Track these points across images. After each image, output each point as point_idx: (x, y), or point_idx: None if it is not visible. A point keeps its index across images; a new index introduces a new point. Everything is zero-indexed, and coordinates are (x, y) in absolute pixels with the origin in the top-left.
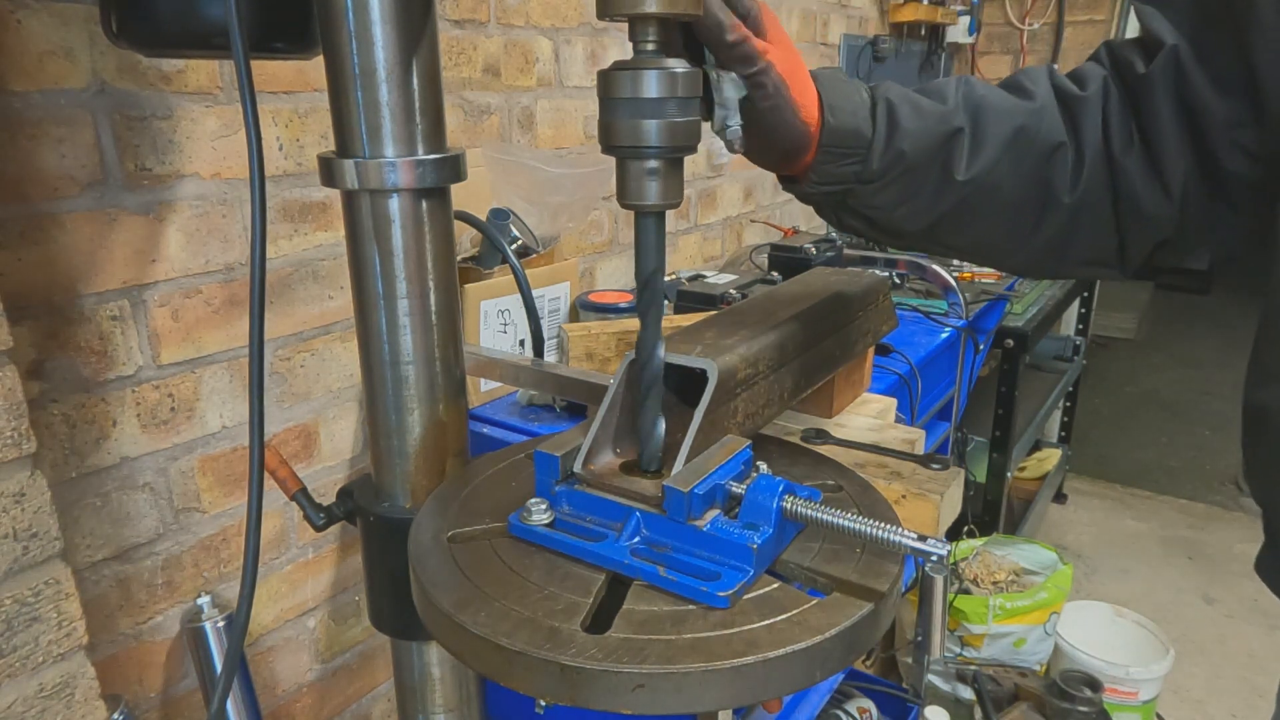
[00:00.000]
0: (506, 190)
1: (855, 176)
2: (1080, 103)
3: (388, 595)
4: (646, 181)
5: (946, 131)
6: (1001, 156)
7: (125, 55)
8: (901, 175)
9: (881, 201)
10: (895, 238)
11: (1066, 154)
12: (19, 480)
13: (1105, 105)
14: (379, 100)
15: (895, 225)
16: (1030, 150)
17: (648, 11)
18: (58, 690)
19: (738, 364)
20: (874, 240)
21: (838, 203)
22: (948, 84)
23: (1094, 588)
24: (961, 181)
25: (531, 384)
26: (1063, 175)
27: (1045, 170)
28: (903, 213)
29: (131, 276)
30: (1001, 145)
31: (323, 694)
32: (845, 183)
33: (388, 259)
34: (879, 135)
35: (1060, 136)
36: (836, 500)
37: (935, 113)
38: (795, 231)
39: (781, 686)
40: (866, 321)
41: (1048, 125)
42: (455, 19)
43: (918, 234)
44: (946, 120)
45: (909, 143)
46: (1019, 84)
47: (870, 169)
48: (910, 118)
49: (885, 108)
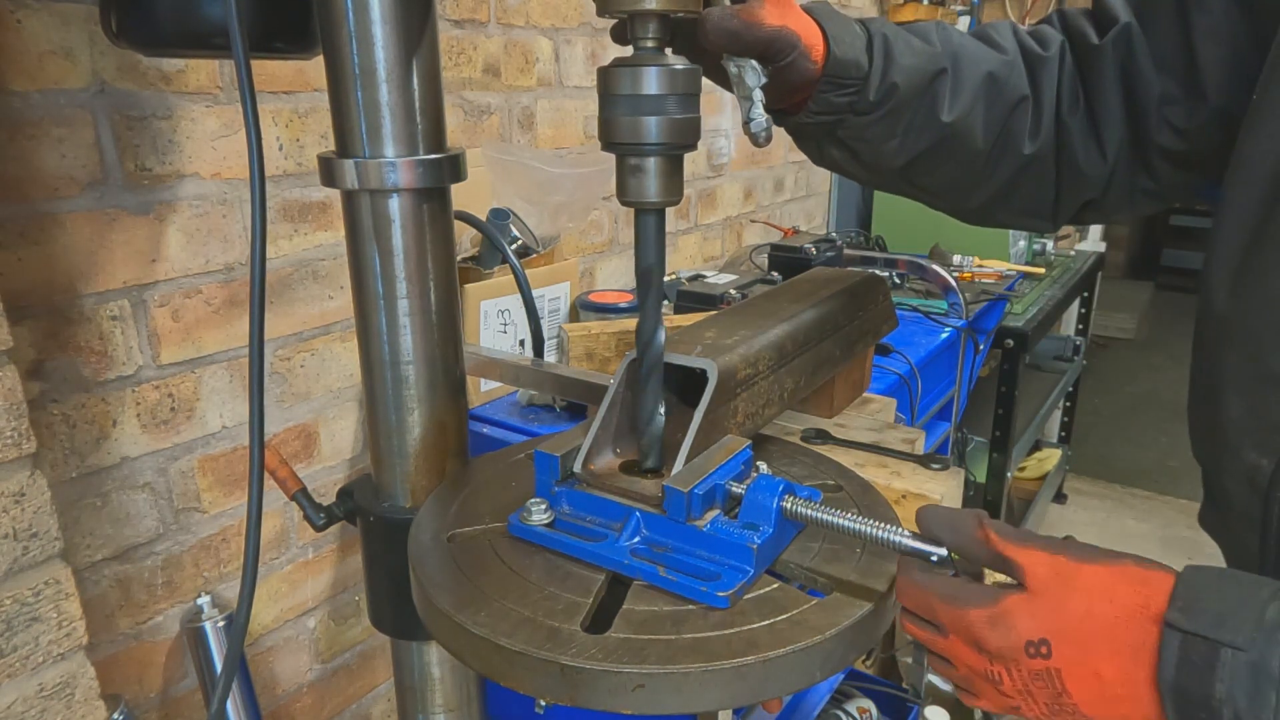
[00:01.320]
0: (506, 190)
1: (850, 106)
2: (1042, 62)
3: (388, 595)
4: (646, 179)
5: (933, 71)
6: (976, 102)
7: (125, 55)
8: (893, 108)
9: (871, 134)
10: (872, 174)
11: (1028, 107)
12: (19, 480)
13: (1061, 67)
14: (379, 100)
15: (877, 160)
16: (1000, 99)
17: (648, 8)
18: (58, 690)
19: (738, 364)
20: (849, 175)
21: (827, 133)
22: (928, 27)
23: None
24: (944, 122)
25: (531, 384)
26: (1023, 127)
27: (1010, 120)
28: (887, 147)
29: (131, 276)
30: (976, 90)
31: (323, 694)
32: (840, 113)
33: (388, 259)
34: (875, 68)
35: (1025, 90)
36: (836, 500)
37: (924, 51)
38: (795, 231)
39: (781, 686)
40: (866, 321)
41: (1015, 78)
42: (455, 19)
43: (895, 171)
44: (934, 60)
45: (902, 77)
46: (989, 36)
47: (866, 100)
48: (904, 54)
49: (881, 41)
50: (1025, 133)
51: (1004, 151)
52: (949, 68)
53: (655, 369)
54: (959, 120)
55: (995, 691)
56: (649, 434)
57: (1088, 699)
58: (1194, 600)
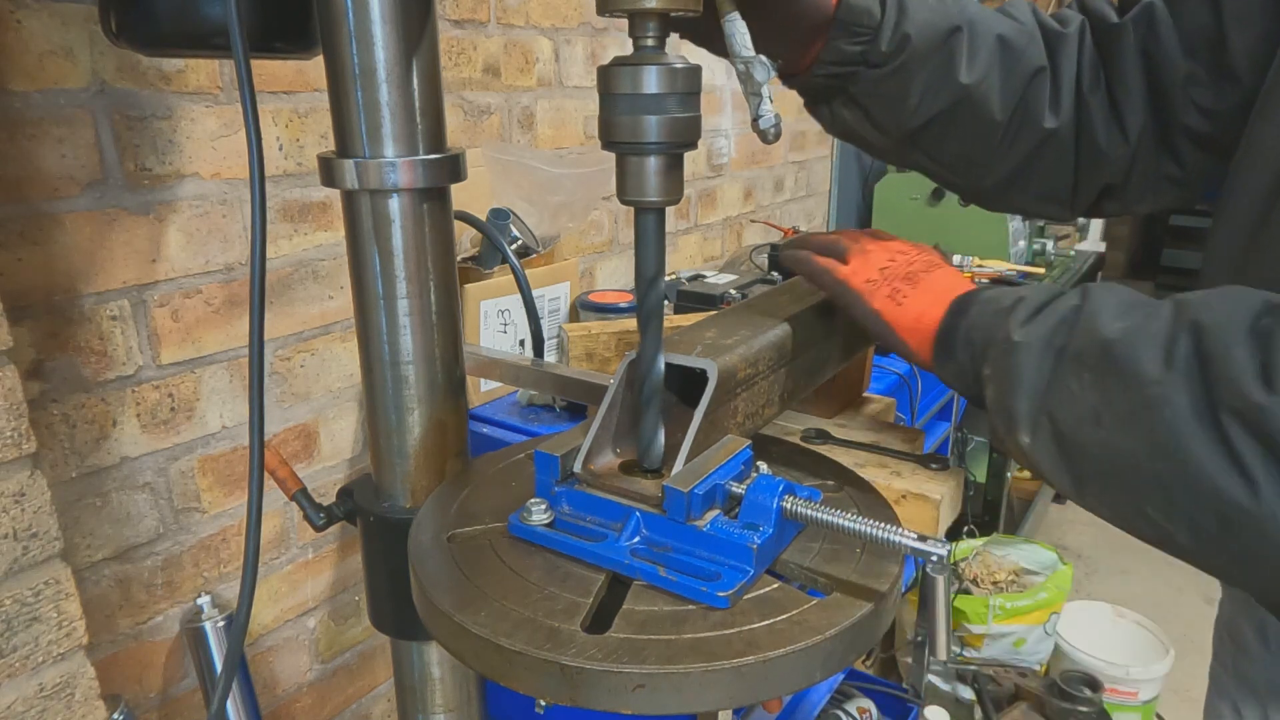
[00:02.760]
0: (506, 190)
1: (862, 57)
2: (1061, 38)
3: (388, 595)
4: (646, 178)
5: (948, 27)
6: (993, 67)
7: (125, 55)
8: (906, 62)
9: (885, 90)
10: (885, 136)
11: (1046, 79)
12: (19, 480)
13: (1080, 44)
14: (379, 100)
15: (891, 120)
16: (1016, 67)
17: (648, 7)
18: (58, 690)
19: (738, 364)
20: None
21: (839, 89)
22: None
23: (1094, 588)
24: (962, 84)
25: (531, 384)
26: (1041, 99)
27: (1028, 91)
28: (903, 107)
29: (131, 276)
30: (992, 53)
31: (323, 694)
32: (852, 63)
33: (388, 259)
34: (889, 18)
35: (1042, 61)
36: (836, 500)
37: (939, 7)
38: (795, 231)
39: (781, 686)
40: None
41: (1033, 48)
42: (455, 19)
43: (909, 135)
44: (948, 17)
45: (915, 29)
46: (1006, 11)
47: (878, 50)
48: (918, 8)
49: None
50: (1044, 106)
51: (1022, 124)
52: (964, 26)
53: (655, 395)
54: (977, 85)
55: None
56: (650, 456)
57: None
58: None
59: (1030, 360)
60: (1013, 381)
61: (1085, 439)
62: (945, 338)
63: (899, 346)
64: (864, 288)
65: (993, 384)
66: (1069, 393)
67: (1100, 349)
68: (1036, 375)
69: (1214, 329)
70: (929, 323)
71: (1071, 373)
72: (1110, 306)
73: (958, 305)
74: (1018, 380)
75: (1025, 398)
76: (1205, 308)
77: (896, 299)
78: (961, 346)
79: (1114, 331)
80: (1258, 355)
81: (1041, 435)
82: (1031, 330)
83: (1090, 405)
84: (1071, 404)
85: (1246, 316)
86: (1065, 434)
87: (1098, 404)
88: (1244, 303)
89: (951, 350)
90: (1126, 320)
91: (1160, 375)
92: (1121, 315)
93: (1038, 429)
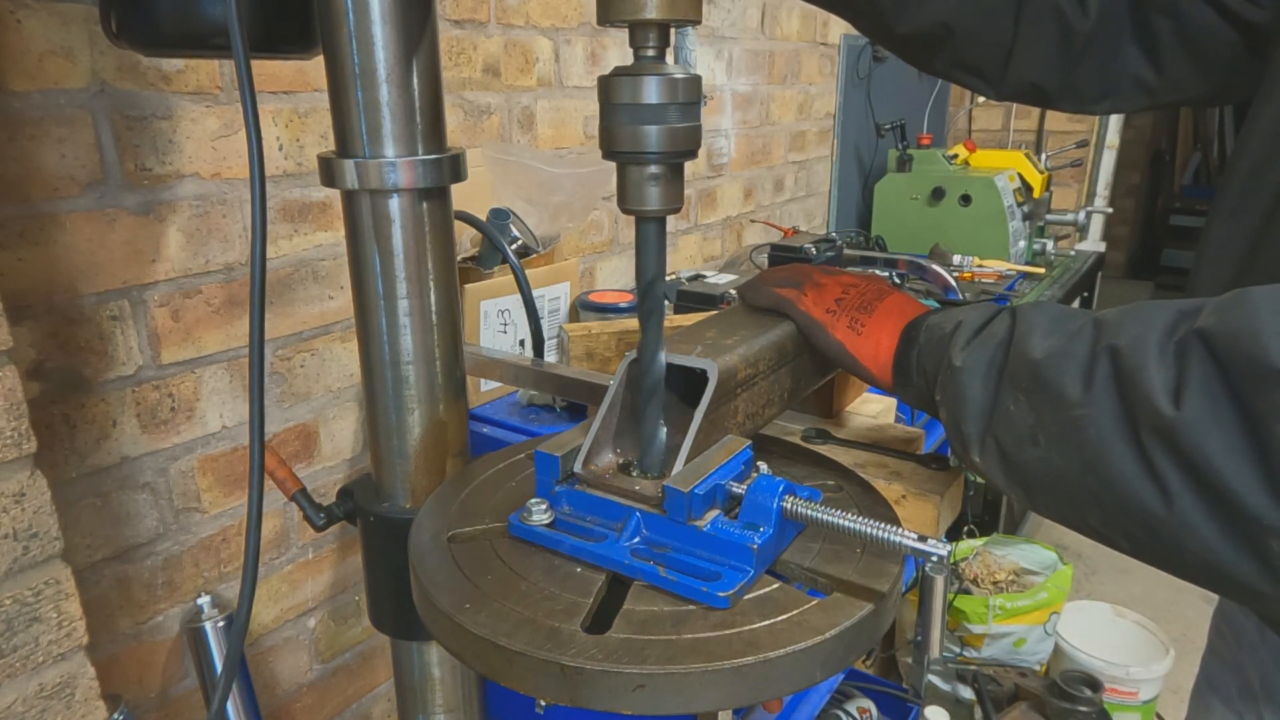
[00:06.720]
0: (506, 190)
1: None
2: None
3: (388, 595)
4: (647, 187)
5: None
6: None
7: (125, 55)
8: None
9: None
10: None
11: None
12: (19, 480)
13: None
14: (379, 100)
15: None
16: None
17: (648, 18)
18: (58, 690)
19: (738, 364)
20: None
21: None
22: None
23: (1094, 588)
24: None
25: (531, 384)
26: None
27: None
28: None
29: (131, 276)
30: None
31: (323, 694)
32: None
33: (388, 259)
34: None
35: None
36: (836, 500)
37: None
38: (795, 231)
39: (781, 686)
40: None
41: None
42: (455, 19)
43: None
44: None
45: None
46: None
47: None
48: None
49: None
50: None
51: None
52: None
53: (655, 392)
54: None
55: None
56: (650, 456)
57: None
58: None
59: (974, 383)
60: (960, 405)
61: (1026, 457)
62: (901, 365)
63: (864, 375)
64: (825, 318)
65: (944, 408)
66: (1008, 414)
67: (1030, 370)
68: (982, 397)
69: (1127, 351)
70: (886, 352)
71: (1009, 394)
72: (1039, 326)
73: (907, 333)
74: (964, 404)
75: (971, 420)
76: (1120, 329)
77: (856, 329)
78: (916, 373)
79: (1039, 352)
80: (1169, 371)
81: (990, 454)
82: (970, 355)
83: (1028, 425)
84: (1010, 425)
85: (1158, 334)
86: (1008, 453)
87: (1034, 424)
88: (1156, 320)
89: (909, 377)
90: (1051, 340)
91: (1081, 398)
92: (1048, 334)
93: (985, 449)
